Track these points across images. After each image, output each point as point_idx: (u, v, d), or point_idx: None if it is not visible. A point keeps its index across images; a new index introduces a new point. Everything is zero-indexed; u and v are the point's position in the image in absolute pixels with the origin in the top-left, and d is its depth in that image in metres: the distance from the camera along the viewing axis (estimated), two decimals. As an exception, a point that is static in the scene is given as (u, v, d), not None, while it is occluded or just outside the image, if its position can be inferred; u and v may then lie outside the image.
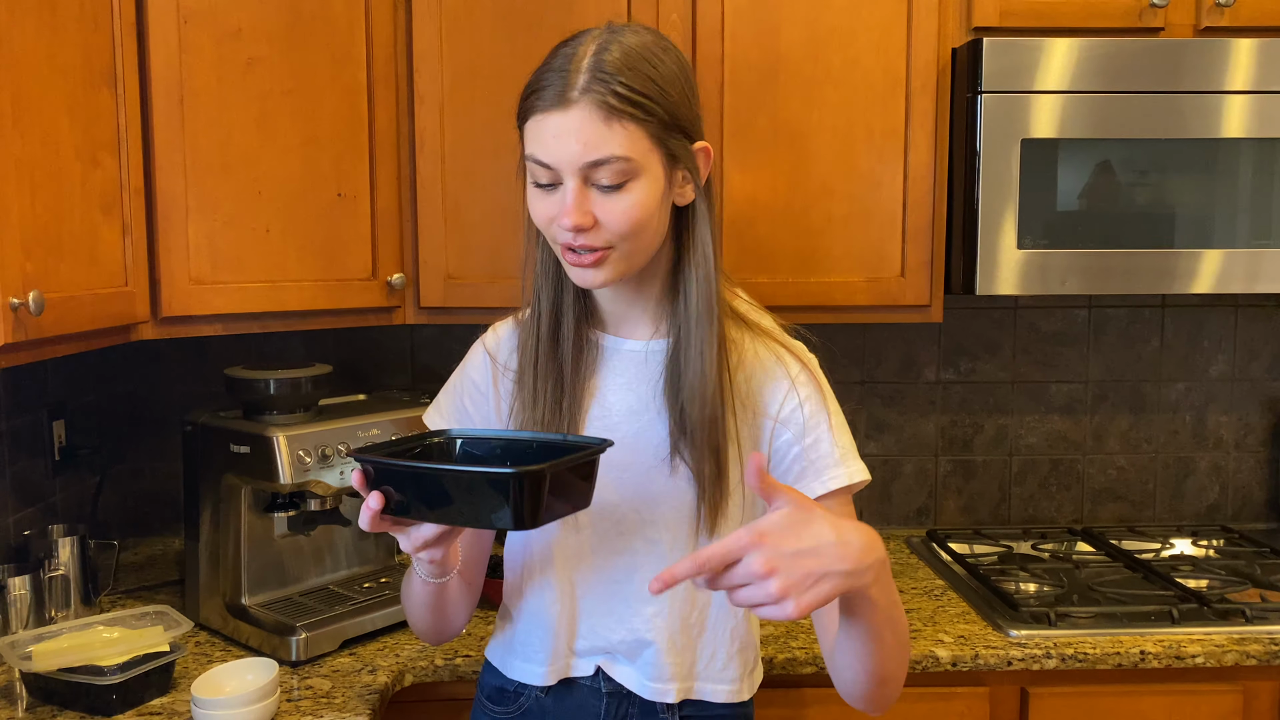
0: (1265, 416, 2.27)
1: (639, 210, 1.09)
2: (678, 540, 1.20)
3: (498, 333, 1.30)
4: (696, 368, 1.15)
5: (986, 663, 1.60)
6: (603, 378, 1.22)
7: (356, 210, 1.73)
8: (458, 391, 1.30)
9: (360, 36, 1.71)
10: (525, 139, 1.11)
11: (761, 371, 1.21)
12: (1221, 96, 1.77)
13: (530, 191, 1.13)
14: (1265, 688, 1.64)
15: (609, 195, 1.08)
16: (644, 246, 1.13)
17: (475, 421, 1.28)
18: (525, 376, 1.22)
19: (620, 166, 1.07)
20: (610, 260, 1.11)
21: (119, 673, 1.38)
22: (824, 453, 1.18)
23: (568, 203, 1.08)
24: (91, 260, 1.41)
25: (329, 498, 1.67)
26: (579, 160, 1.07)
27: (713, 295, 1.16)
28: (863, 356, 2.22)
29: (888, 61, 1.80)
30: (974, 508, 2.27)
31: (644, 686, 1.23)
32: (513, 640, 1.28)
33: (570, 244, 1.10)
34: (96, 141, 1.42)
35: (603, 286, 1.15)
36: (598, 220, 1.09)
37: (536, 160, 1.09)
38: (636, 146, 1.08)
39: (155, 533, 2.18)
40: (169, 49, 1.53)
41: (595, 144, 1.06)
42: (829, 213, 1.83)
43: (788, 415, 1.20)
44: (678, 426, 1.17)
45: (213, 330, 1.62)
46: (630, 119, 1.07)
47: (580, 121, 1.06)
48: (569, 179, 1.08)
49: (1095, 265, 1.80)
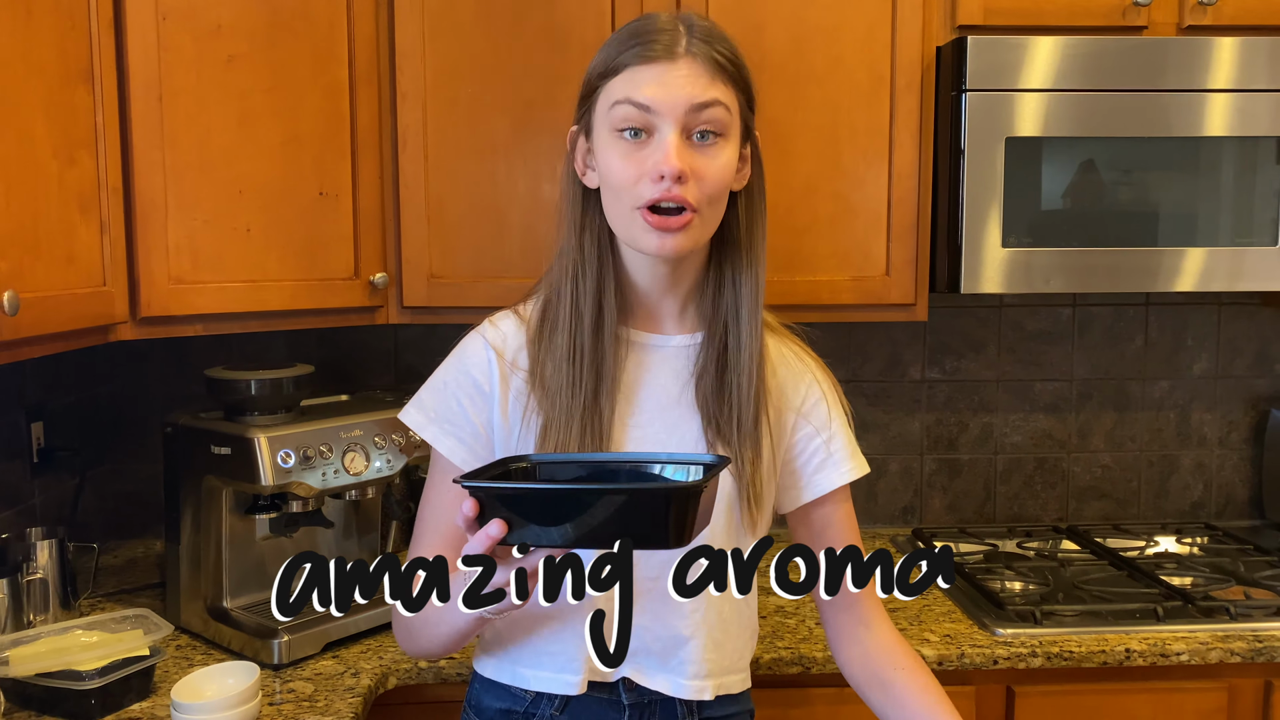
0: (1248, 414, 2.28)
1: (728, 171, 1.11)
2: (716, 533, 1.18)
3: (500, 328, 1.23)
4: (743, 363, 1.16)
5: (973, 662, 1.60)
6: (635, 374, 1.20)
7: (338, 209, 1.72)
8: (451, 390, 1.22)
9: (342, 34, 1.70)
10: (610, 93, 1.10)
11: (785, 367, 1.25)
12: (1204, 95, 1.77)
13: (612, 151, 1.10)
14: (1249, 685, 1.65)
15: (704, 150, 1.09)
16: (716, 217, 1.13)
17: (474, 424, 1.21)
18: (558, 372, 1.16)
19: (721, 115, 1.09)
20: (693, 226, 1.10)
21: (98, 677, 1.37)
22: (840, 446, 1.26)
23: (668, 148, 1.06)
24: (69, 260, 1.39)
25: (311, 499, 1.65)
26: (689, 100, 1.07)
27: (763, 289, 1.17)
28: (848, 355, 2.22)
29: (872, 60, 1.80)
30: (959, 506, 2.27)
31: (681, 687, 1.20)
32: (533, 650, 1.21)
33: (662, 198, 1.07)
34: (74, 140, 1.40)
35: (676, 255, 1.11)
36: (693, 172, 1.08)
37: (634, 102, 1.07)
38: (733, 103, 1.11)
39: (135, 535, 2.16)
40: (147, 46, 1.51)
41: (704, 88, 1.07)
42: (814, 211, 1.82)
43: (810, 409, 1.25)
44: (714, 421, 1.17)
45: (193, 330, 1.61)
46: (730, 81, 1.10)
47: (690, 70, 1.07)
48: (668, 126, 1.07)
49: (1079, 264, 1.80)
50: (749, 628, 1.27)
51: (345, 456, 1.64)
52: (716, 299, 1.19)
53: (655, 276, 1.18)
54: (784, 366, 1.25)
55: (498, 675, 1.24)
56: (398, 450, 1.70)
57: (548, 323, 1.19)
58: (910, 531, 2.19)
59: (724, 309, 1.18)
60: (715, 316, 1.19)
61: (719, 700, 1.24)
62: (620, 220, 1.12)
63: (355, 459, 1.65)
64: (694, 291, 1.21)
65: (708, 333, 1.20)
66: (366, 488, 1.69)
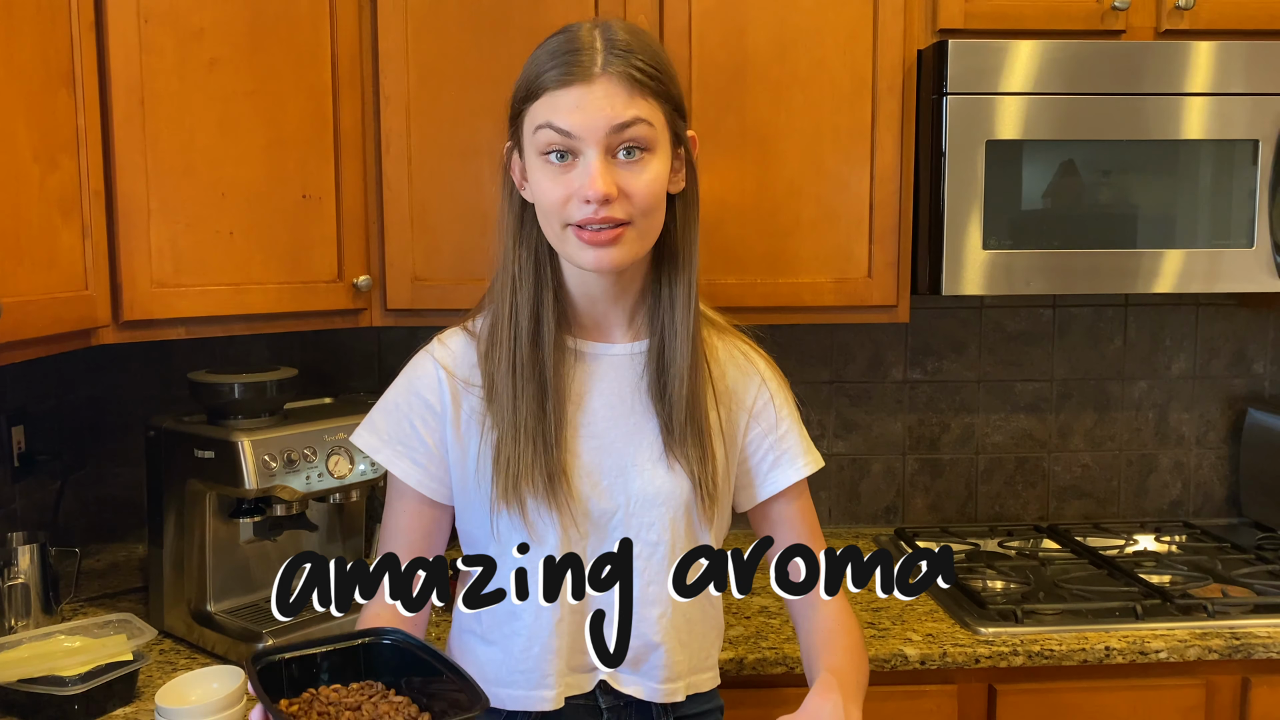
0: (1225, 414, 2.30)
1: (657, 183, 1.11)
2: (677, 539, 1.20)
3: (449, 346, 1.23)
4: (682, 366, 1.16)
5: (955, 660, 1.61)
6: (584, 384, 1.20)
7: (322, 212, 1.71)
8: (402, 413, 1.21)
9: (325, 37, 1.69)
10: (533, 116, 1.09)
11: (734, 367, 1.26)
12: (1181, 99, 1.79)
13: (540, 173, 1.10)
14: (1227, 682, 1.66)
15: (630, 167, 1.09)
16: (654, 227, 1.14)
17: (427, 444, 1.20)
18: (503, 385, 1.16)
19: (644, 132, 1.08)
20: (626, 238, 1.10)
21: (81, 683, 1.36)
22: (794, 442, 1.27)
23: (592, 171, 1.06)
24: (50, 264, 1.38)
25: (295, 503, 1.65)
26: (607, 123, 1.06)
27: (695, 291, 1.18)
28: (830, 357, 2.23)
29: (854, 63, 1.81)
30: (941, 506, 2.29)
31: (654, 691, 1.21)
32: (507, 670, 1.20)
33: (589, 219, 1.08)
34: (55, 143, 1.40)
35: (614, 268, 1.12)
36: (621, 191, 1.08)
37: (555, 127, 1.07)
38: (656, 117, 1.10)
39: (118, 539, 2.15)
40: (129, 49, 1.50)
41: (621, 108, 1.07)
42: (797, 214, 1.83)
43: (760, 409, 1.26)
44: (666, 426, 1.18)
45: (176, 334, 1.60)
46: (651, 93, 1.09)
47: (605, 91, 1.07)
48: (590, 149, 1.07)
49: (1059, 265, 1.81)
50: (715, 627, 1.29)
51: (329, 460, 1.64)
52: (657, 304, 1.20)
53: (598, 287, 1.19)
54: (733, 366, 1.27)
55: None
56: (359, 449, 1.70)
57: (493, 338, 1.19)
58: (893, 531, 2.21)
59: (661, 314, 1.19)
60: (655, 322, 1.20)
61: (690, 699, 1.25)
62: (554, 238, 1.13)
63: (339, 462, 1.65)
64: (641, 300, 1.21)
65: (651, 339, 1.20)
66: (350, 491, 1.69)
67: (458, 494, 1.22)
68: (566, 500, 1.16)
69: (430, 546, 1.23)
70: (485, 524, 1.19)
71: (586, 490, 1.18)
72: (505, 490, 1.15)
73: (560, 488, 1.15)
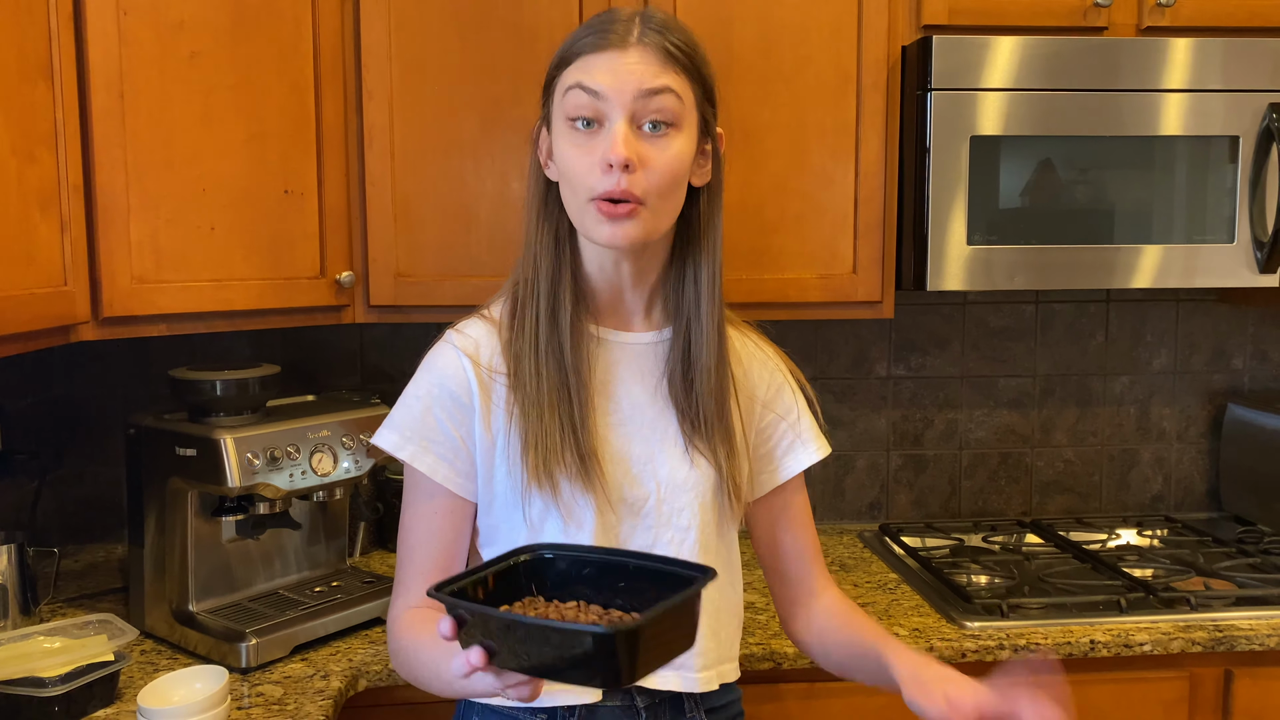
0: (1205, 409, 2.32)
1: (679, 162, 1.11)
2: (707, 525, 1.20)
3: (470, 334, 1.20)
4: (708, 356, 1.17)
5: (941, 655, 1.61)
6: (607, 371, 1.20)
7: (304, 207, 1.70)
8: (425, 406, 1.18)
9: (307, 30, 1.68)
10: (564, 81, 1.11)
11: (748, 357, 1.29)
12: (1163, 95, 1.80)
13: (566, 140, 1.11)
14: (1210, 674, 1.67)
15: (654, 140, 1.09)
16: (670, 209, 1.14)
17: (454, 438, 1.18)
18: (528, 367, 1.15)
19: (672, 104, 1.09)
20: (641, 216, 1.10)
21: (61, 684, 1.34)
22: (806, 428, 1.31)
23: (616, 136, 1.07)
24: (28, 259, 1.36)
25: (278, 500, 1.63)
26: (637, 85, 1.08)
27: (720, 282, 1.19)
28: (815, 352, 2.23)
29: (839, 59, 1.81)
30: (925, 501, 2.29)
31: (691, 681, 1.20)
32: None
33: (609, 191, 1.08)
34: (32, 136, 1.38)
35: (628, 244, 1.11)
36: (642, 161, 1.08)
37: (584, 87, 1.09)
38: (685, 92, 1.11)
39: (97, 539, 2.13)
40: (108, 42, 1.49)
41: (654, 75, 1.08)
42: (782, 209, 1.83)
43: (773, 397, 1.29)
44: (688, 415, 1.19)
45: (156, 331, 1.58)
46: (683, 70, 1.11)
47: (640, 57, 1.09)
48: (617, 114, 1.08)
49: (1042, 261, 1.82)
50: (737, 615, 1.29)
51: (313, 457, 1.62)
52: (679, 296, 1.20)
53: (617, 271, 1.19)
54: (748, 357, 1.29)
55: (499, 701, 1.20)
56: (366, 451, 1.69)
57: (516, 319, 1.18)
58: (877, 527, 2.21)
59: (686, 306, 1.20)
60: (679, 313, 1.20)
61: (720, 689, 1.25)
62: (576, 212, 1.13)
63: (323, 460, 1.64)
64: (658, 288, 1.22)
65: (674, 330, 1.21)
66: (334, 489, 1.67)
67: (483, 489, 1.19)
68: (600, 483, 1.15)
69: (461, 548, 1.21)
70: (517, 514, 1.16)
71: (619, 476, 1.17)
72: (536, 470, 1.13)
73: (594, 470, 1.14)
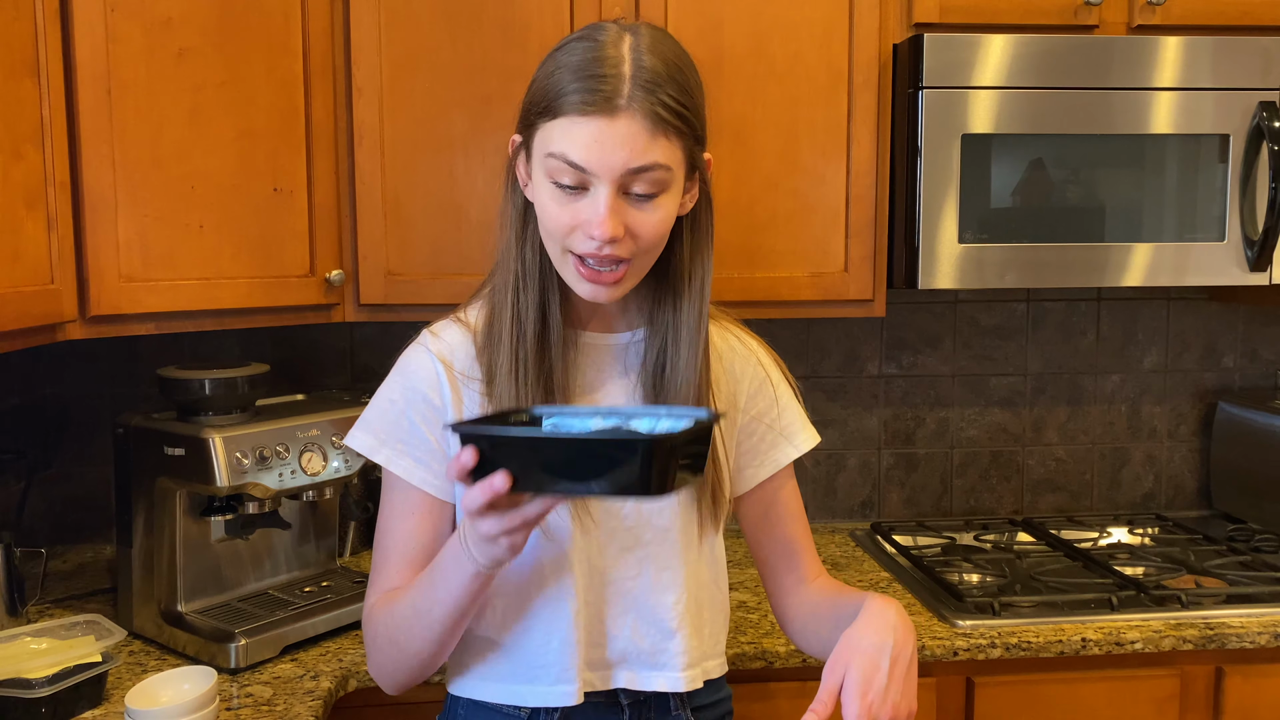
0: (1196, 407, 2.32)
1: (666, 224, 1.08)
2: (689, 524, 1.20)
3: (443, 338, 1.19)
4: (686, 358, 1.15)
5: (933, 653, 1.61)
6: (586, 374, 1.19)
7: (293, 205, 1.69)
8: (399, 410, 1.17)
9: (296, 27, 1.67)
10: (547, 136, 1.05)
11: (729, 351, 1.27)
12: (1153, 93, 1.80)
13: (546, 194, 1.06)
14: (1201, 672, 1.68)
15: (641, 206, 1.05)
16: (655, 256, 1.12)
17: (428, 440, 1.17)
18: (505, 382, 1.12)
19: (660, 176, 1.05)
20: (627, 275, 1.08)
21: (48, 685, 1.33)
22: (790, 420, 1.30)
23: (601, 211, 1.03)
24: (14, 257, 1.35)
25: (267, 500, 1.63)
26: (623, 166, 1.02)
27: (708, 295, 1.17)
28: (806, 351, 2.23)
29: (830, 57, 1.81)
30: (917, 500, 2.29)
31: (675, 680, 1.19)
32: (526, 665, 1.18)
33: (594, 256, 1.05)
34: (18, 134, 1.37)
35: (610, 302, 1.11)
36: (628, 231, 1.05)
37: (568, 161, 1.03)
38: (675, 158, 1.06)
39: (85, 540, 2.11)
40: (95, 38, 1.47)
41: (641, 151, 1.02)
42: (774, 208, 1.83)
43: (756, 391, 1.28)
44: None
45: (144, 329, 1.57)
46: (674, 133, 1.05)
47: (629, 130, 1.02)
48: (603, 186, 1.03)
49: (1032, 259, 1.82)
50: (723, 612, 1.28)
51: (302, 457, 1.62)
52: (659, 296, 1.18)
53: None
54: (728, 352, 1.27)
55: (486, 696, 1.21)
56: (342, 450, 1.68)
57: (493, 334, 1.15)
58: (869, 526, 2.21)
59: (666, 308, 1.17)
60: (658, 313, 1.18)
61: (706, 687, 1.25)
62: (554, 256, 1.11)
63: (312, 459, 1.63)
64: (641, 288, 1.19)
65: (649, 328, 1.19)
66: (324, 488, 1.66)
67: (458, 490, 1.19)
68: None
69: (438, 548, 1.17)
70: None
71: None
72: None
73: None
